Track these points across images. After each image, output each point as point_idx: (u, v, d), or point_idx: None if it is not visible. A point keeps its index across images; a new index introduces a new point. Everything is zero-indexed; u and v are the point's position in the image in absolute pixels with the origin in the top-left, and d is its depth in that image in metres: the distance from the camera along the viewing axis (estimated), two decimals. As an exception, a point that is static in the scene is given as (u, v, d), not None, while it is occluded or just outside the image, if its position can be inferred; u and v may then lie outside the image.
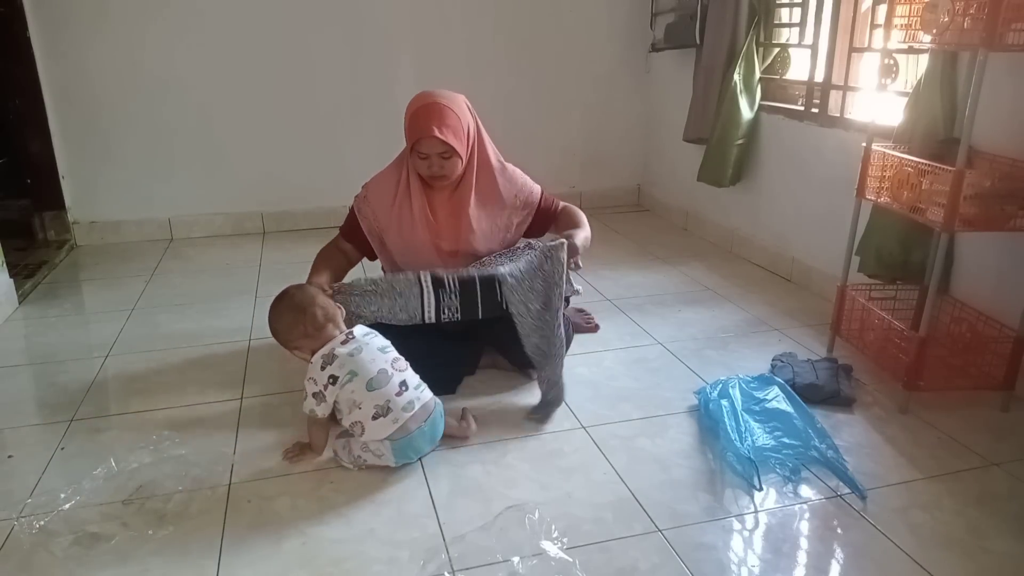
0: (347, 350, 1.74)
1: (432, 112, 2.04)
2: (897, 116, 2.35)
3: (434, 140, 2.02)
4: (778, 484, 1.74)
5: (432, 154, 2.05)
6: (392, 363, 1.77)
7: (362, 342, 1.77)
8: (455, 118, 2.06)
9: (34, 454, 1.87)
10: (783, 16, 3.22)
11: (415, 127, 2.05)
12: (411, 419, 1.73)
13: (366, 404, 1.70)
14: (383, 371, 1.74)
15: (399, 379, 1.75)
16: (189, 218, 3.83)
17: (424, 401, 1.78)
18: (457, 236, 2.18)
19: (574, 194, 4.31)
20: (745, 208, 3.44)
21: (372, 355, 1.75)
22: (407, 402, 1.74)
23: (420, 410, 1.75)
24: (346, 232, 2.27)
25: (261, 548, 1.53)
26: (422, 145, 2.04)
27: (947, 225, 1.89)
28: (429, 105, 2.06)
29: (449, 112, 2.05)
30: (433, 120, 2.02)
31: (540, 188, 2.30)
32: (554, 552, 1.48)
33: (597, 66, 4.17)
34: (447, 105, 2.06)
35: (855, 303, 2.32)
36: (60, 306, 2.90)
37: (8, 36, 3.32)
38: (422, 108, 2.06)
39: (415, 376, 1.81)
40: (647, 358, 2.40)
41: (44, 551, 1.52)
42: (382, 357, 1.77)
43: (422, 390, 1.80)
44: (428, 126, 2.01)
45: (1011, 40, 1.78)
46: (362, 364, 1.73)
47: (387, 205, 2.18)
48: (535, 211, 2.26)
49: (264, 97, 3.73)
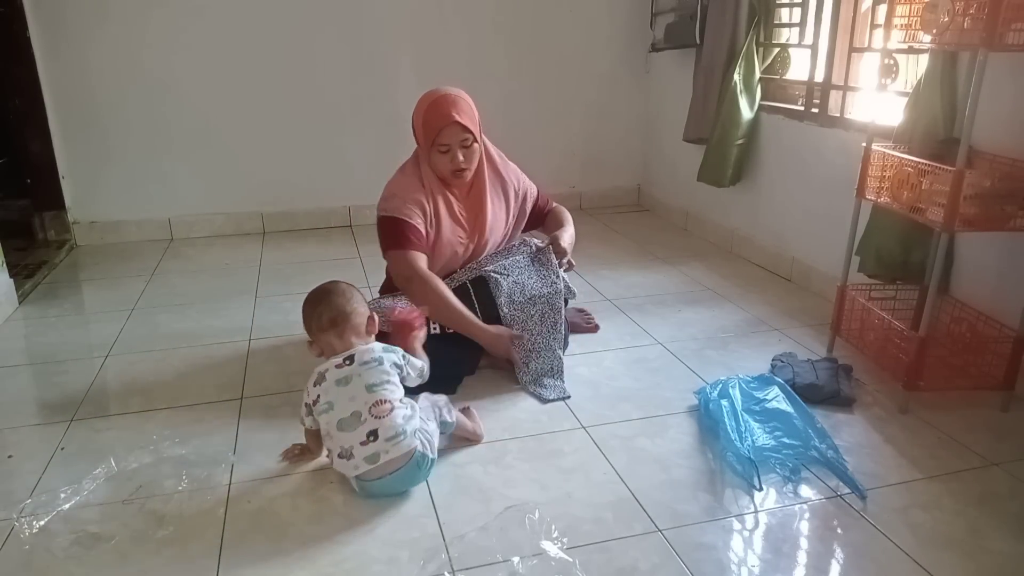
0: (336, 376, 1.66)
1: (446, 102, 2.09)
2: (897, 116, 2.35)
3: (455, 126, 2.06)
4: (778, 484, 1.74)
5: (454, 144, 2.08)
6: (372, 406, 1.63)
7: (355, 371, 1.66)
8: (467, 105, 2.13)
9: (34, 454, 1.87)
10: (783, 16, 3.21)
11: (433, 120, 2.08)
12: (374, 469, 1.61)
13: (334, 441, 1.65)
14: (356, 414, 1.62)
15: (370, 428, 1.61)
16: (189, 218, 3.83)
17: (394, 456, 1.61)
18: (481, 232, 2.24)
19: (574, 194, 4.31)
20: (745, 208, 3.44)
21: (355, 392, 1.64)
22: (371, 454, 1.61)
23: (387, 463, 1.61)
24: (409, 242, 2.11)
25: (261, 548, 1.53)
26: (444, 136, 2.07)
27: (947, 225, 1.89)
28: (440, 98, 2.10)
29: (461, 100, 2.12)
30: (451, 108, 2.08)
31: (535, 186, 2.35)
32: (554, 552, 1.48)
33: (597, 66, 4.17)
34: (456, 95, 2.13)
35: (855, 303, 2.32)
36: (60, 306, 2.90)
37: (8, 36, 3.32)
38: (434, 103, 2.10)
39: (397, 424, 1.63)
40: (647, 358, 2.40)
41: (44, 551, 1.52)
42: (364, 397, 1.63)
43: (397, 441, 1.62)
44: (448, 114, 2.06)
45: (1011, 40, 1.78)
46: (340, 400, 1.64)
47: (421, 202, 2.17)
48: (532, 207, 2.31)
49: (264, 97, 3.73)
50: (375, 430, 1.62)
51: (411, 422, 1.67)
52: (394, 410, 1.65)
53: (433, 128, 2.07)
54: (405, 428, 1.64)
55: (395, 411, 1.65)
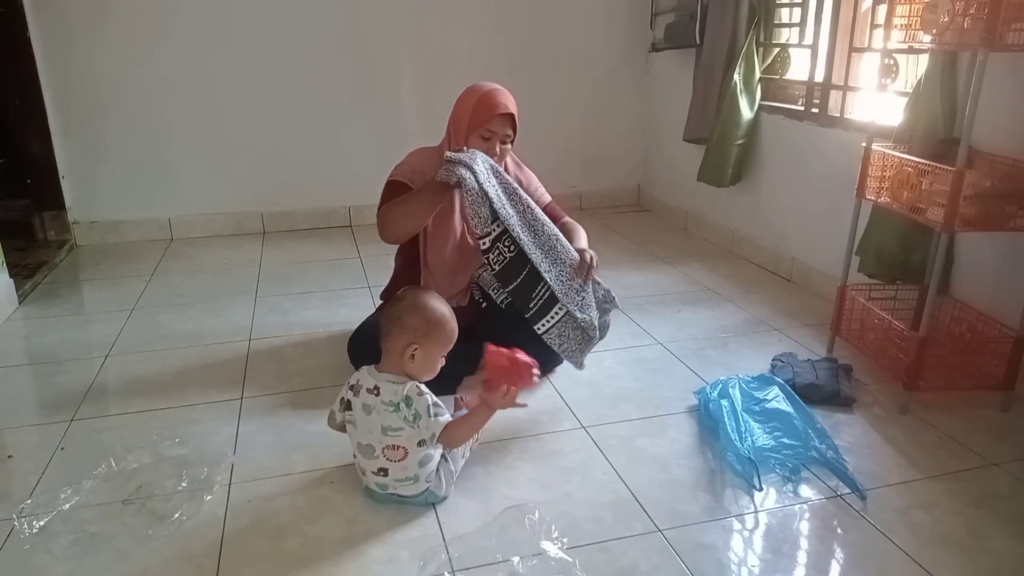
0: (364, 400, 1.58)
1: (502, 95, 2.11)
2: (897, 116, 2.35)
3: (507, 118, 2.09)
4: (778, 484, 1.74)
5: (498, 134, 2.09)
6: (386, 448, 1.57)
7: (377, 406, 1.57)
8: (516, 107, 2.13)
9: (34, 454, 1.87)
10: (783, 16, 3.22)
11: (487, 106, 2.08)
12: (382, 493, 1.63)
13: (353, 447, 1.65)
14: (371, 447, 1.59)
15: (382, 465, 1.59)
16: (189, 218, 3.83)
17: (403, 492, 1.61)
18: None
19: (574, 194, 4.32)
20: (745, 208, 3.44)
21: (372, 427, 1.57)
22: (381, 482, 1.61)
23: (394, 493, 1.62)
24: None
25: (261, 548, 1.53)
26: (494, 123, 2.08)
27: (947, 225, 1.89)
28: (496, 90, 2.12)
29: (512, 100, 2.13)
30: (507, 101, 2.10)
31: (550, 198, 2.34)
32: (554, 552, 1.48)
33: (597, 66, 4.17)
34: (509, 94, 2.14)
35: (855, 303, 2.32)
36: (60, 306, 2.90)
37: (8, 36, 3.32)
38: (490, 92, 2.11)
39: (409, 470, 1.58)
40: (647, 358, 2.40)
41: (44, 551, 1.52)
42: (379, 437, 1.57)
43: (407, 484, 1.59)
44: (504, 104, 2.08)
45: (1011, 40, 1.78)
46: (361, 425, 1.60)
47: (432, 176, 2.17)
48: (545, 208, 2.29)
49: (264, 97, 3.73)
50: (387, 469, 1.60)
51: (426, 467, 1.61)
52: (408, 456, 1.58)
53: (486, 113, 2.08)
54: (418, 473, 1.60)
55: (409, 457, 1.58)
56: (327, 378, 2.24)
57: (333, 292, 3.00)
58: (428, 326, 1.59)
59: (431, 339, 1.60)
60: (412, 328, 1.58)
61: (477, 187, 1.90)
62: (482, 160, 1.98)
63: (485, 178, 1.95)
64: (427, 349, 1.59)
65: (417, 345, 1.58)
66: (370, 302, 2.82)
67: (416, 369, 1.60)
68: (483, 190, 1.92)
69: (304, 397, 2.15)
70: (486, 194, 1.93)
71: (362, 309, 2.64)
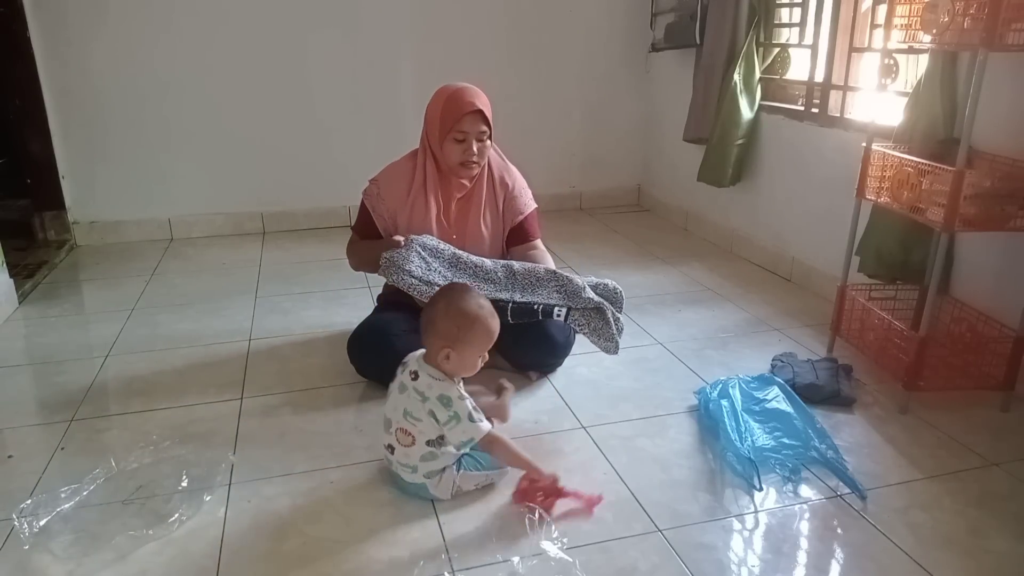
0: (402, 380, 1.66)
1: (469, 93, 2.10)
2: (897, 116, 2.35)
3: (477, 115, 2.06)
4: (778, 484, 1.74)
5: (472, 133, 2.07)
6: (398, 430, 1.64)
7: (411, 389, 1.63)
8: (487, 101, 2.12)
9: (34, 454, 1.87)
10: (783, 16, 3.22)
11: (454, 108, 2.07)
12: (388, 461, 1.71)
13: None
14: (388, 422, 1.67)
15: (390, 442, 1.67)
16: (189, 218, 3.83)
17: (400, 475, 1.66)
18: (463, 239, 2.20)
19: (574, 194, 4.32)
20: (745, 208, 3.44)
21: (397, 405, 1.65)
22: (385, 458, 1.71)
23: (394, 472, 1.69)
24: (360, 230, 2.27)
25: (261, 548, 1.53)
26: (464, 123, 2.06)
27: (947, 225, 1.89)
28: (462, 89, 2.11)
29: (482, 94, 2.12)
30: (474, 98, 2.08)
31: (535, 206, 2.32)
32: (554, 552, 1.48)
33: (597, 66, 4.17)
34: (477, 89, 2.13)
35: (855, 303, 2.32)
36: (60, 306, 2.90)
37: (8, 36, 3.32)
38: (456, 92, 2.10)
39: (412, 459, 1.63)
40: (647, 358, 2.40)
41: (44, 551, 1.52)
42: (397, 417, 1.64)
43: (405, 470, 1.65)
44: (471, 102, 2.06)
45: (1011, 40, 1.78)
46: (392, 398, 1.68)
47: (401, 196, 2.19)
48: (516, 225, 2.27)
49: (264, 97, 3.73)
50: (393, 447, 1.66)
51: (428, 464, 1.63)
52: (414, 445, 1.62)
53: (454, 115, 2.06)
54: (417, 465, 1.63)
55: (415, 447, 1.62)
56: (327, 378, 2.25)
57: (333, 292, 3.00)
58: (460, 331, 1.61)
59: (463, 342, 1.61)
60: (443, 333, 1.61)
61: (417, 282, 2.01)
62: (419, 247, 2.06)
63: (424, 271, 2.04)
64: (460, 351, 1.61)
65: (450, 349, 1.60)
66: (370, 302, 2.81)
67: (453, 369, 1.63)
68: (426, 279, 2.02)
69: (304, 397, 2.15)
70: (430, 282, 2.01)
71: (362, 309, 2.64)
